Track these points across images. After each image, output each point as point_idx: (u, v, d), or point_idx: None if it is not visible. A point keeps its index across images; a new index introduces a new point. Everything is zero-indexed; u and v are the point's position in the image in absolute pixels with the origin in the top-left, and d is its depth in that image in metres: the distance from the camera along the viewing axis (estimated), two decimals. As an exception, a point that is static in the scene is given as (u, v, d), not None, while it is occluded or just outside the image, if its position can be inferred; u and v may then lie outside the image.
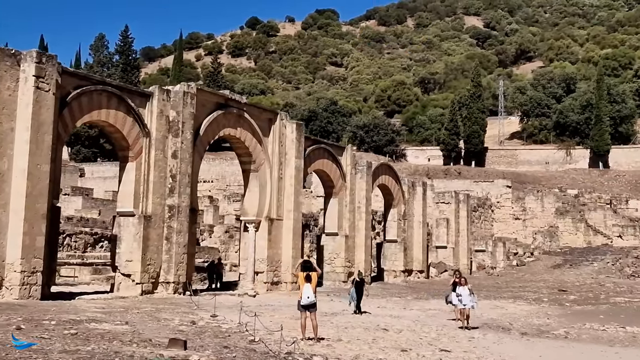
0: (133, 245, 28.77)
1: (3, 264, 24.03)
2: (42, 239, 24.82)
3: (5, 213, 24.24)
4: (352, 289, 25.86)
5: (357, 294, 25.54)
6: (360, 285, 25.84)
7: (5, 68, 24.67)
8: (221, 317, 22.42)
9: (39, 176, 24.86)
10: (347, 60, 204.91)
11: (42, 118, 25.05)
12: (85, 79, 28.01)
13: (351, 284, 26.43)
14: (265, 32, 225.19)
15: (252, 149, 35.18)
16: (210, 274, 34.74)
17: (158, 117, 30.01)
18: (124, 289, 28.55)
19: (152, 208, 29.43)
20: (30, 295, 24.12)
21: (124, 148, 29.44)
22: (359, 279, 26.47)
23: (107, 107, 28.26)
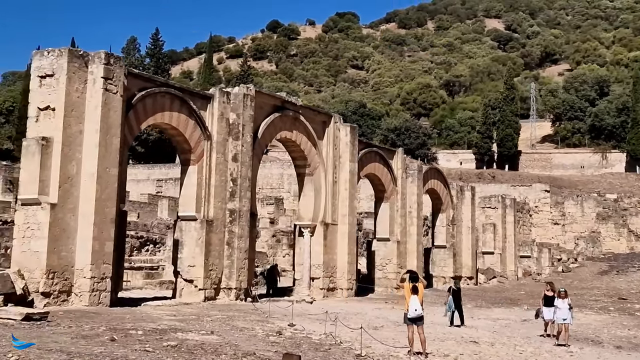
0: (195, 250, 28.20)
1: (72, 269, 23.49)
2: (111, 244, 24.29)
3: (74, 217, 23.71)
4: (449, 299, 24.94)
5: (456, 304, 24.61)
6: (457, 294, 24.93)
7: (74, 70, 24.16)
8: (299, 326, 21.78)
9: (107, 180, 24.33)
10: (369, 63, 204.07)
11: (110, 120, 24.54)
12: (149, 80, 27.49)
13: (448, 293, 25.51)
14: (286, 35, 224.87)
15: (307, 152, 34.57)
16: (269, 279, 34.10)
17: (219, 120, 29.45)
18: (187, 294, 27.97)
19: (214, 212, 28.86)
20: (99, 301, 23.56)
21: (185, 151, 28.91)
22: (455, 287, 25.50)
23: (170, 110, 27.73)
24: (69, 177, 23.71)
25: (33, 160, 23.39)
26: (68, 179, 23.69)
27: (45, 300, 22.45)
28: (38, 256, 22.74)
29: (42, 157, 23.28)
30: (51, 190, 23.33)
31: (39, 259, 22.71)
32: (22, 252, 23.06)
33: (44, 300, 22.45)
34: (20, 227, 23.34)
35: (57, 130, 23.69)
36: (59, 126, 23.69)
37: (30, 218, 23.19)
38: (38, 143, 23.38)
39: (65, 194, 23.52)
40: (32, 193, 23.16)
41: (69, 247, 23.44)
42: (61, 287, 23.04)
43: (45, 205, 23.01)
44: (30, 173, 23.41)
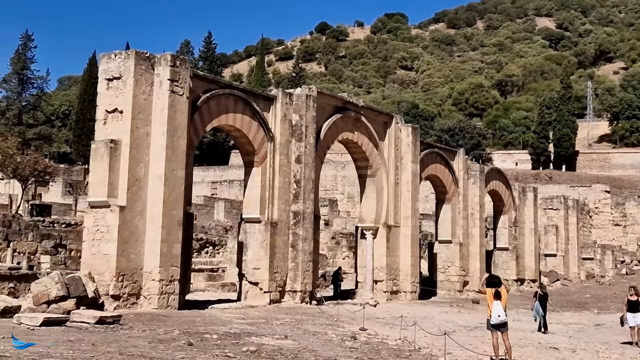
0: (260, 253, 27.96)
1: (141, 272, 23.46)
2: (178, 247, 24.21)
3: (142, 220, 23.68)
4: (536, 304, 24.20)
5: (543, 309, 23.88)
6: (544, 299, 24.19)
7: (140, 72, 24.15)
8: (370, 330, 21.33)
9: (174, 182, 24.26)
10: (418, 64, 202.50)
11: (177, 122, 24.46)
12: (213, 82, 27.39)
13: (534, 298, 24.75)
14: (335, 37, 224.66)
15: (368, 153, 34.10)
16: (334, 282, 33.72)
17: (282, 121, 29.19)
18: (252, 297, 27.75)
19: (278, 214, 28.59)
20: (168, 304, 23.47)
21: (249, 153, 28.72)
22: (542, 292, 24.76)
23: (234, 112, 27.58)
24: (137, 179, 23.70)
25: (102, 162, 23.43)
26: (136, 181, 23.68)
27: (115, 303, 22.44)
28: (108, 259, 22.76)
29: (110, 160, 23.30)
30: (120, 192, 23.35)
31: (108, 262, 22.73)
32: (92, 254, 23.12)
33: (113, 303, 22.44)
34: (90, 229, 23.39)
35: (124, 132, 23.70)
36: (126, 129, 23.70)
37: (99, 221, 23.22)
38: (106, 146, 23.41)
39: (134, 197, 23.51)
40: (102, 196, 23.19)
41: (137, 250, 23.42)
42: (130, 290, 23.02)
43: (115, 207, 23.02)
44: (99, 175, 23.46)
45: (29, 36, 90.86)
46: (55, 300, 20.07)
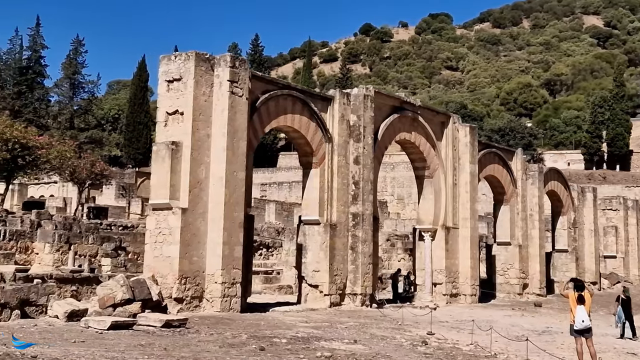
0: (320, 255, 27.60)
1: (203, 274, 23.28)
2: (240, 249, 23.97)
3: (204, 222, 23.51)
4: (618, 309, 23.36)
5: (626, 315, 23.02)
6: (627, 304, 23.33)
7: (201, 73, 24.00)
8: (438, 334, 20.80)
9: (235, 184, 24.04)
10: (463, 64, 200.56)
11: (237, 124, 24.24)
12: (271, 83, 27.15)
13: (617, 303, 23.92)
14: (379, 38, 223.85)
15: (426, 154, 33.49)
16: (394, 285, 33.20)
17: (339, 122, 28.81)
18: (312, 300, 27.40)
19: (337, 216, 28.20)
20: (230, 307, 23.25)
21: (307, 154, 28.39)
22: (624, 296, 23.89)
23: (292, 112, 27.30)
24: (198, 181, 23.54)
25: (163, 164, 23.32)
26: (197, 183, 23.52)
27: (178, 306, 22.30)
28: (170, 261, 22.63)
29: (172, 162, 23.17)
30: (181, 194, 23.21)
31: (171, 265, 22.60)
32: (155, 257, 23.01)
33: (177, 306, 22.29)
34: (152, 232, 23.29)
35: (185, 134, 23.56)
36: (187, 130, 23.56)
37: (161, 223, 23.11)
38: (168, 147, 23.28)
39: (195, 199, 23.35)
40: (163, 198, 23.08)
41: (199, 252, 23.25)
42: (193, 293, 22.86)
43: (177, 210, 22.88)
44: (161, 178, 23.35)
45: (80, 41, 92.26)
46: (120, 303, 19.96)
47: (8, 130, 34.23)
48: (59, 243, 26.28)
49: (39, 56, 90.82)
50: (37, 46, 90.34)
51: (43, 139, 37.65)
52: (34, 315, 19.01)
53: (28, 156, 34.30)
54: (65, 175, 40.23)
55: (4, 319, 18.09)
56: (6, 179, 35.95)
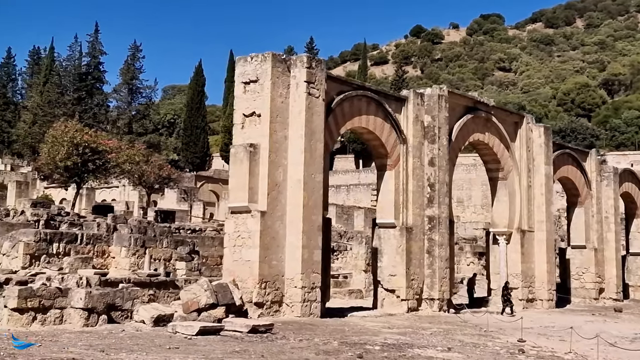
0: (396, 259, 27.01)
1: (283, 279, 22.91)
2: (319, 253, 23.55)
3: (282, 225, 23.15)
4: None
5: None
6: None
7: (277, 74, 23.67)
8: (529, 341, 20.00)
9: (313, 186, 23.63)
10: (516, 65, 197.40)
11: (314, 125, 23.84)
12: (346, 83, 26.70)
13: None
14: (430, 40, 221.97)
15: (499, 155, 32.61)
16: (470, 289, 32.40)
17: (414, 123, 28.21)
18: (388, 305, 26.83)
19: (413, 219, 27.57)
20: (310, 312, 22.83)
21: (382, 156, 27.85)
22: None
23: (366, 113, 26.82)
24: (276, 184, 23.21)
25: (241, 167, 23.05)
26: (275, 185, 23.19)
27: (258, 311, 21.98)
28: (250, 265, 22.33)
29: (250, 164, 22.87)
30: (260, 197, 22.92)
31: (250, 269, 22.30)
32: (234, 261, 22.74)
33: (257, 310, 21.97)
34: (231, 235, 23.03)
35: (263, 136, 23.26)
36: (265, 132, 23.25)
37: (240, 226, 22.83)
38: (246, 150, 23.00)
39: (273, 202, 23.03)
40: (242, 201, 22.80)
41: (278, 256, 22.90)
42: (273, 297, 22.52)
43: (255, 213, 22.59)
44: (239, 180, 23.08)
45: (137, 46, 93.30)
46: (205, 308, 19.72)
47: (78, 134, 34.49)
48: (135, 247, 26.19)
49: (98, 62, 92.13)
50: (96, 52, 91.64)
51: (112, 142, 37.92)
52: (120, 320, 18.85)
53: (98, 160, 34.51)
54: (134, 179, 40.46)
55: (92, 324, 17.96)
56: (77, 183, 36.23)
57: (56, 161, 34.09)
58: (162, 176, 42.24)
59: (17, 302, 17.13)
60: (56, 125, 36.43)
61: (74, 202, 35.77)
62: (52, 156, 34.29)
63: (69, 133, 34.18)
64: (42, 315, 17.57)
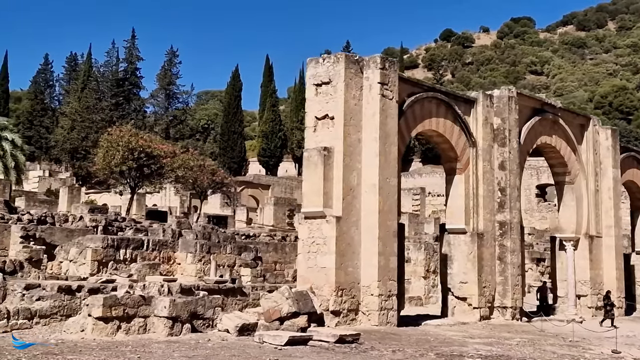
0: (467, 266, 26.17)
1: (358, 286, 22.18)
2: (394, 260, 22.79)
3: (357, 231, 22.44)
4: None
5: None
6: None
7: (350, 76, 22.99)
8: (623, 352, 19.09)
9: (388, 191, 22.89)
10: (548, 68, 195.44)
11: (387, 128, 23.13)
12: (416, 85, 25.97)
13: None
14: (461, 44, 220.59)
15: (566, 158, 31.63)
16: (541, 297, 31.42)
17: (483, 125, 27.38)
18: (460, 313, 25.98)
19: (483, 225, 26.71)
20: (388, 321, 22.06)
21: (451, 159, 27.03)
22: None
23: (436, 116, 26.04)
24: (350, 188, 22.52)
25: (315, 171, 22.38)
26: (350, 190, 22.50)
27: (335, 319, 21.28)
28: (326, 272, 21.64)
29: (324, 168, 22.20)
30: (334, 202, 22.21)
31: (327, 276, 21.61)
32: (309, 267, 22.07)
33: (334, 319, 21.27)
34: (305, 241, 22.37)
35: (337, 139, 22.57)
36: (338, 135, 22.57)
37: (314, 232, 22.16)
38: (320, 153, 22.34)
39: (348, 207, 22.33)
40: (317, 206, 22.12)
41: (354, 263, 22.20)
42: (349, 306, 21.81)
43: (331, 218, 21.90)
44: (313, 185, 22.41)
45: (174, 52, 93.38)
46: (287, 316, 19.06)
47: (133, 139, 34.09)
48: (200, 253, 25.69)
49: (135, 68, 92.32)
50: (133, 58, 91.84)
51: (166, 147, 37.48)
52: (201, 328, 18.27)
53: (153, 165, 34.07)
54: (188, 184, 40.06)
55: (176, 333, 17.39)
56: (131, 188, 35.85)
57: (111, 166, 33.71)
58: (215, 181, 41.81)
59: (102, 310, 16.58)
60: (111, 130, 36.11)
61: (128, 208, 35.38)
62: (107, 161, 33.92)
63: (124, 138, 33.79)
64: (126, 324, 17.01)
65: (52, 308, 18.99)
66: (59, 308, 19.11)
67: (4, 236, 26.84)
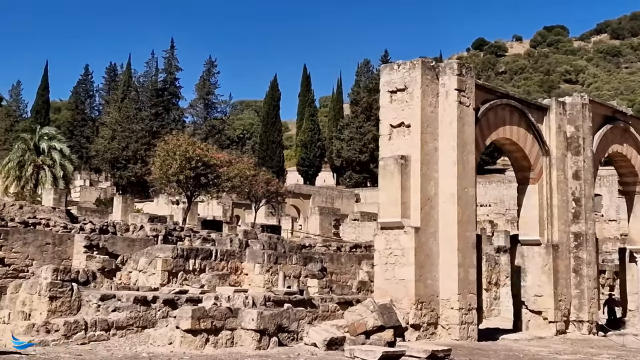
0: (542, 279, 25.33)
1: (437, 299, 21.49)
2: (474, 272, 22.10)
3: (435, 242, 21.77)
4: None
5: None
6: None
7: (427, 82, 22.39)
8: None
9: (466, 201, 22.22)
10: (583, 77, 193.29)
11: (465, 136, 22.48)
12: (490, 92, 25.22)
13: None
14: (493, 53, 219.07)
15: (637, 167, 30.69)
16: (609, 310, 30.48)
17: (556, 133, 26.58)
18: (534, 327, 25.13)
19: (558, 236, 25.89)
20: (468, 335, 21.34)
21: (524, 169, 26.27)
22: None
23: (510, 124, 25.33)
24: (428, 198, 21.88)
25: (392, 180, 21.78)
26: (428, 200, 21.85)
27: (415, 333, 20.63)
28: (405, 284, 20.99)
29: (402, 177, 21.59)
30: (412, 212, 21.58)
31: (405, 288, 20.96)
32: (386, 279, 21.44)
33: (414, 333, 20.63)
34: (382, 252, 21.75)
35: (413, 147, 21.96)
36: (415, 143, 21.96)
37: (391, 243, 21.55)
38: (397, 162, 21.73)
39: (426, 217, 21.69)
40: (394, 216, 21.51)
41: (433, 275, 21.52)
42: (429, 319, 21.13)
43: (409, 229, 21.27)
44: (390, 194, 21.81)
45: (212, 62, 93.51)
46: (373, 330, 18.47)
47: (191, 148, 33.79)
48: (268, 263, 25.15)
49: (174, 78, 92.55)
50: (172, 68, 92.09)
51: (223, 156, 37.15)
52: (286, 342, 17.70)
53: (210, 174, 33.73)
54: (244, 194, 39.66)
55: (263, 346, 16.85)
56: (188, 197, 35.54)
57: (168, 175, 33.42)
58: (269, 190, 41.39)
59: (191, 322, 16.10)
60: (168, 139, 35.85)
61: (184, 217, 35.07)
62: (163, 170, 33.64)
63: (182, 146, 33.51)
64: (214, 337, 16.51)
65: (129, 319, 18.63)
66: (135, 319, 18.75)
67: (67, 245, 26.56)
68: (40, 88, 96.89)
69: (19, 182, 50.75)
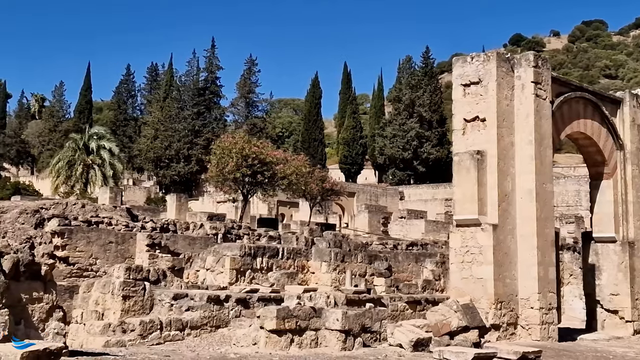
0: (617, 277, 24.50)
1: (516, 299, 20.82)
2: (553, 270, 21.40)
3: (513, 240, 21.09)
4: None
5: None
6: None
7: (502, 75, 21.71)
8: None
9: (545, 197, 21.51)
10: (623, 72, 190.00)
11: (542, 130, 21.77)
12: (565, 84, 24.42)
13: None
14: (531, 48, 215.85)
15: None
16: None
17: (630, 127, 25.68)
18: (610, 327, 24.31)
19: (634, 233, 25.02)
20: (549, 336, 20.63)
21: (597, 163, 25.44)
22: None
23: (583, 117, 24.53)
24: (505, 194, 21.21)
25: (468, 176, 21.14)
26: (505, 196, 21.18)
27: (495, 334, 19.99)
28: (483, 283, 20.35)
29: (478, 173, 20.94)
30: (489, 209, 20.92)
31: (484, 287, 20.31)
32: (463, 278, 20.81)
33: (494, 333, 19.99)
34: (457, 250, 21.14)
35: (489, 142, 21.29)
36: (491, 138, 21.29)
37: (468, 241, 20.92)
38: (472, 157, 21.08)
39: (504, 214, 21.02)
40: (471, 213, 20.87)
41: (511, 274, 20.85)
42: (508, 319, 20.48)
43: (486, 226, 20.62)
44: (466, 191, 21.17)
45: (253, 61, 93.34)
46: (457, 331, 17.91)
47: (247, 145, 33.44)
48: (335, 262, 24.64)
49: (215, 77, 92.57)
50: (213, 67, 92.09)
51: (279, 154, 36.78)
52: (369, 342, 17.19)
53: (266, 172, 33.36)
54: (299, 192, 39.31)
55: (349, 347, 16.34)
56: (244, 195, 35.22)
57: (225, 173, 33.12)
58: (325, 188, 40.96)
59: (276, 322, 15.66)
60: (223, 137, 35.56)
61: (241, 215, 34.73)
62: (220, 168, 33.34)
63: (238, 144, 33.18)
64: (298, 338, 16.04)
65: (202, 319, 18.25)
66: (208, 319, 18.36)
67: (129, 244, 26.34)
68: (83, 88, 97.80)
69: (68, 181, 51.01)
